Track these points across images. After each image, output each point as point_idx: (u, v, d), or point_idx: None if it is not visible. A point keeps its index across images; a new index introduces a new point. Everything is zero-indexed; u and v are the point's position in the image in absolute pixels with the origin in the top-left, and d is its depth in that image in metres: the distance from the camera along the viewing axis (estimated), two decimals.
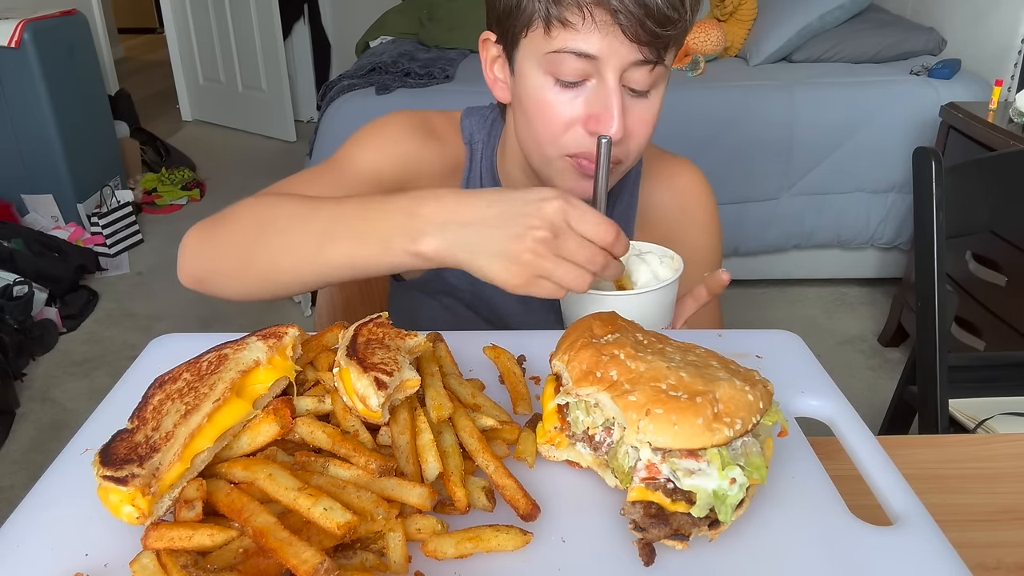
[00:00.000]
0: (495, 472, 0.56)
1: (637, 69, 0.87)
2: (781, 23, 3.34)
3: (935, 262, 1.30)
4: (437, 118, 1.11)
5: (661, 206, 1.14)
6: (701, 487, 0.52)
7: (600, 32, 0.84)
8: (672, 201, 1.14)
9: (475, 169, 1.11)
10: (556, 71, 0.88)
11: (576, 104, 0.89)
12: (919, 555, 0.52)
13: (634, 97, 0.90)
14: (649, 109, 0.92)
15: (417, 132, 1.08)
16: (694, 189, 1.16)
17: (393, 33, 3.87)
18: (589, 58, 0.86)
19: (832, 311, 3.23)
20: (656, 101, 0.93)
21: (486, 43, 1.00)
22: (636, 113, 0.91)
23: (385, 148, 1.05)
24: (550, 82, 0.89)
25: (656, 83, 0.91)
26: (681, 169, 1.16)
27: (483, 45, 1.01)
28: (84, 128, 3.74)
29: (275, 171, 4.78)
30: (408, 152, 1.06)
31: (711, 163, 2.98)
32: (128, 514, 0.49)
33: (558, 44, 0.86)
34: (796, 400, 0.68)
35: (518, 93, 0.96)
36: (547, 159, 0.96)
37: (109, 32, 5.64)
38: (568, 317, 0.89)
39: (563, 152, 0.93)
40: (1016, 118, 2.42)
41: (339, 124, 2.93)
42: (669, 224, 1.13)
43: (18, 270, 3.03)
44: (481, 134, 1.11)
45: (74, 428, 0.63)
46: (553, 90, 0.90)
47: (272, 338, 0.61)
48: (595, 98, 0.89)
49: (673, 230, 1.12)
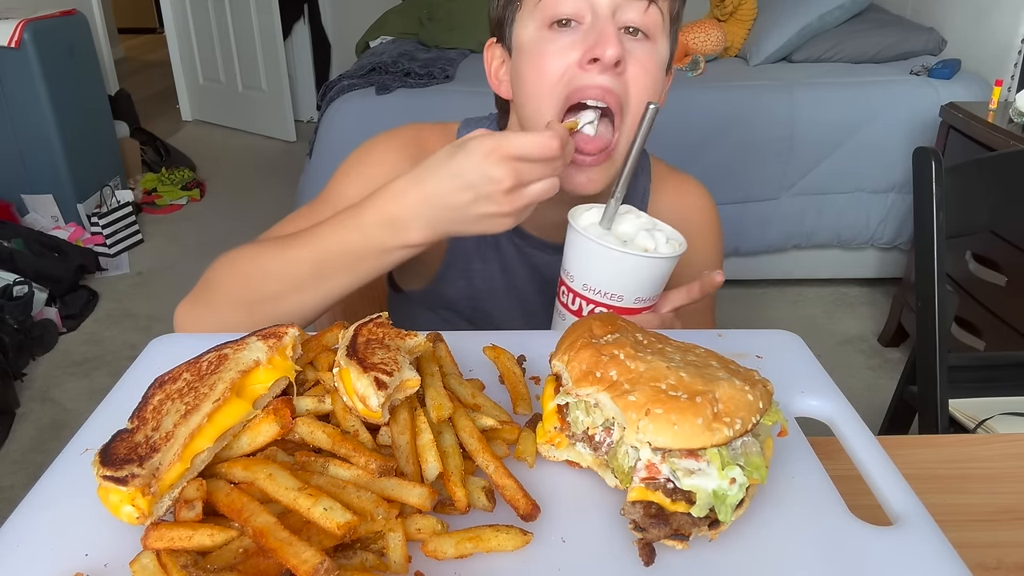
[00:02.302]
0: (495, 472, 0.56)
1: (629, 8, 0.88)
2: (781, 23, 3.34)
3: (935, 262, 1.30)
4: (431, 132, 1.10)
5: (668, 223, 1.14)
6: (701, 487, 0.52)
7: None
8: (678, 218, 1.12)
9: None
10: (550, 16, 0.90)
11: (573, 43, 0.90)
12: (919, 555, 0.52)
13: (632, 39, 0.90)
14: (650, 56, 0.91)
15: (406, 150, 1.06)
16: (701, 208, 1.15)
17: (393, 33, 3.88)
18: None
19: (832, 311, 3.23)
20: (655, 51, 0.92)
21: (490, 48, 1.01)
22: (635, 55, 0.90)
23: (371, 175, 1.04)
24: (545, 30, 0.91)
25: (654, 29, 0.91)
26: (688, 187, 1.16)
27: (487, 53, 1.02)
28: (84, 128, 3.74)
29: (275, 171, 4.79)
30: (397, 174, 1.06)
31: (711, 163, 2.99)
32: (128, 514, 0.49)
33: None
34: (796, 400, 0.68)
35: (517, 66, 0.96)
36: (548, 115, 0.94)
37: (109, 32, 5.64)
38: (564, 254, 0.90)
39: (558, 102, 0.91)
40: (1016, 118, 2.42)
41: (339, 124, 2.93)
42: None
43: (18, 270, 3.03)
44: None
45: (74, 428, 0.63)
46: (548, 35, 0.91)
47: (272, 338, 0.61)
48: (590, 31, 0.89)
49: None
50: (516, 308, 1.13)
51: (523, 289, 1.13)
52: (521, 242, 1.09)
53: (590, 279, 0.85)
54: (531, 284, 1.12)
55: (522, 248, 1.09)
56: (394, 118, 2.96)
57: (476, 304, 1.13)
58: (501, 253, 1.10)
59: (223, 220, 4.17)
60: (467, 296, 1.13)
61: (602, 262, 0.84)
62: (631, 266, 0.83)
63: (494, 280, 1.12)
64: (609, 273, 0.84)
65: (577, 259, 0.87)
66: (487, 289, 1.12)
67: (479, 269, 1.11)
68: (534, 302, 1.13)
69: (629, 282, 0.84)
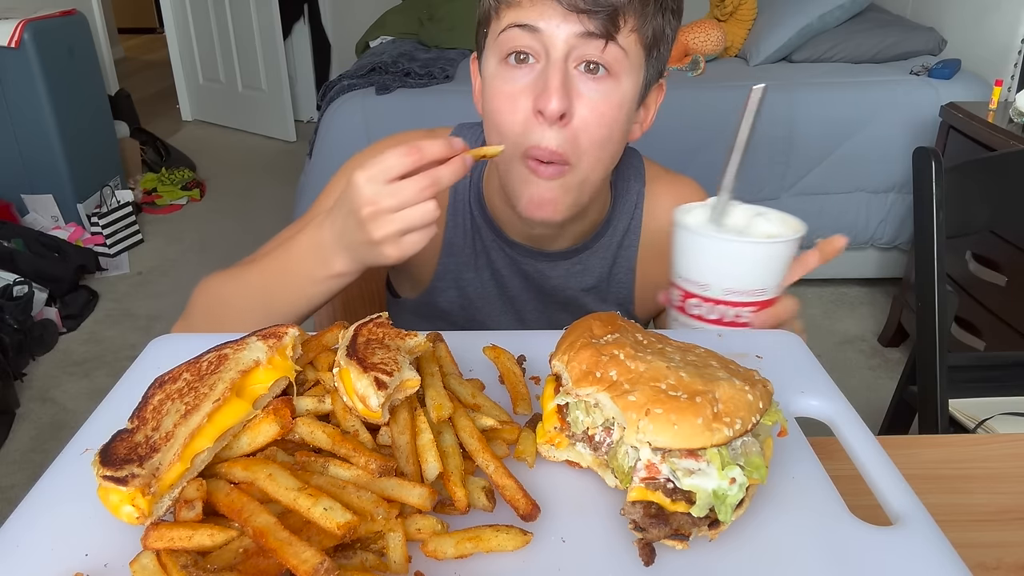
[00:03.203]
0: (495, 472, 0.56)
1: (586, 45, 0.84)
2: (781, 23, 3.34)
3: (935, 262, 1.30)
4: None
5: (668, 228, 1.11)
6: (701, 487, 0.52)
7: (540, 5, 0.83)
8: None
9: (460, 193, 1.07)
10: (506, 49, 0.87)
11: (525, 87, 0.86)
12: (919, 555, 0.52)
13: (588, 80, 0.86)
14: (606, 99, 0.86)
15: None
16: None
17: (393, 33, 3.88)
18: (533, 31, 0.84)
19: (832, 311, 3.23)
20: (616, 92, 0.86)
21: (474, 63, 0.99)
22: (588, 98, 0.86)
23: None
24: (502, 67, 0.88)
25: (614, 66, 0.85)
26: (683, 188, 1.12)
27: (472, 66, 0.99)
28: (84, 128, 3.74)
29: (275, 171, 4.80)
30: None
31: (711, 163, 2.98)
32: (128, 514, 0.49)
33: (505, 22, 0.86)
34: (796, 400, 0.68)
35: (484, 97, 0.93)
36: (509, 164, 0.92)
37: (109, 32, 5.64)
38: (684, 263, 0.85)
39: (518, 148, 0.89)
40: (1016, 118, 2.42)
41: (339, 124, 2.93)
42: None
43: (18, 270, 3.03)
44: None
45: (74, 428, 0.63)
46: (505, 72, 0.88)
47: (272, 338, 0.61)
48: (542, 74, 0.85)
49: None
50: (511, 317, 1.13)
51: (517, 298, 1.12)
52: (511, 251, 1.07)
53: (733, 282, 0.81)
54: (525, 293, 1.11)
55: (513, 257, 1.08)
56: (394, 118, 2.98)
57: (470, 314, 1.12)
58: (492, 262, 1.09)
59: (223, 220, 4.17)
60: (460, 306, 1.12)
61: (744, 261, 0.81)
62: (772, 255, 0.80)
63: (487, 289, 1.11)
64: (752, 269, 0.81)
65: (713, 264, 0.82)
66: (480, 298, 1.12)
67: (471, 279, 1.10)
68: (528, 310, 1.13)
69: (770, 273, 0.81)
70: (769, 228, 0.83)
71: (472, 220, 1.08)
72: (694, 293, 0.83)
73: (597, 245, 1.08)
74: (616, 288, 1.11)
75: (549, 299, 1.11)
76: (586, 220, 1.05)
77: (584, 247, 1.07)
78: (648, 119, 0.99)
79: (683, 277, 0.85)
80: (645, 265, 1.11)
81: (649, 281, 1.11)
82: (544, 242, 1.06)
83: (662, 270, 1.09)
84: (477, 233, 1.08)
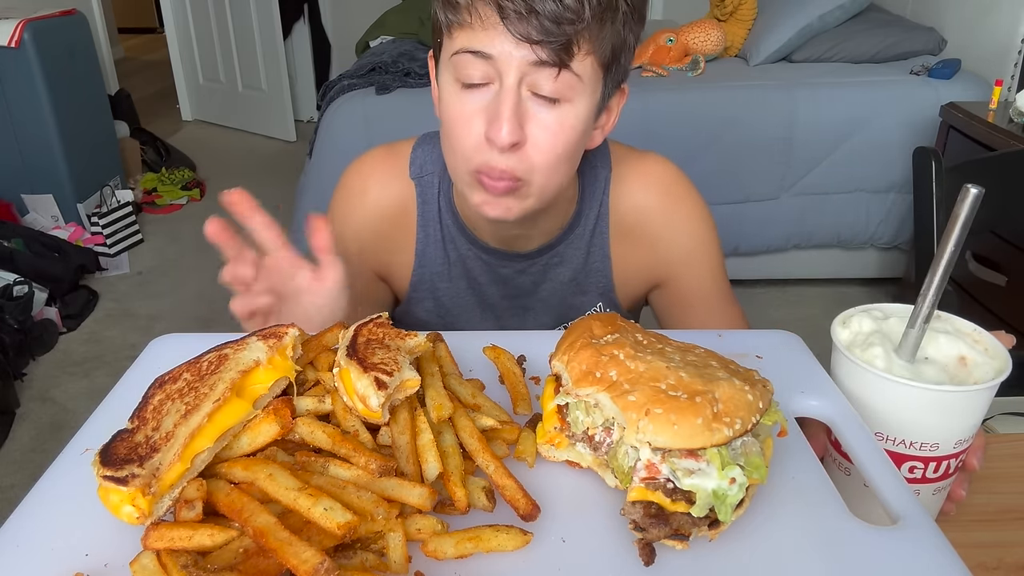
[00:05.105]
0: (495, 472, 0.56)
1: (539, 72, 0.82)
2: (781, 23, 3.34)
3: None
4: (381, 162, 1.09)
5: (640, 209, 1.07)
6: (701, 487, 0.52)
7: (492, 30, 0.81)
8: (651, 201, 1.07)
9: (429, 204, 1.07)
10: (459, 74, 0.85)
11: (477, 111, 0.85)
12: (919, 555, 0.52)
13: (542, 105, 0.84)
14: (559, 122, 0.85)
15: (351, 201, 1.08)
16: (670, 181, 1.07)
17: (393, 33, 3.87)
18: (486, 58, 0.82)
19: (832, 311, 3.21)
20: (570, 115, 0.86)
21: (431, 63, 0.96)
22: (541, 120, 0.85)
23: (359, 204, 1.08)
24: (456, 87, 0.86)
25: (568, 93, 0.84)
26: (651, 165, 1.08)
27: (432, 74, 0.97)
28: (84, 128, 3.74)
29: (275, 171, 4.79)
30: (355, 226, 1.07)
31: (711, 163, 2.99)
32: (128, 514, 0.49)
33: (457, 45, 0.84)
34: (796, 400, 0.68)
35: (440, 109, 0.92)
36: (459, 175, 0.91)
37: (109, 32, 5.64)
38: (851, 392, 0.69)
39: (470, 164, 0.88)
40: (1016, 118, 2.42)
41: (339, 124, 2.93)
42: (655, 226, 1.07)
43: (18, 270, 3.03)
44: (436, 165, 1.06)
45: (74, 428, 0.63)
46: (458, 94, 0.86)
47: (272, 338, 0.61)
48: (494, 100, 0.84)
49: (660, 231, 1.07)
50: (490, 322, 1.13)
51: (495, 304, 1.12)
52: (487, 257, 1.07)
53: (939, 435, 0.65)
54: (504, 300, 1.12)
55: (489, 263, 1.08)
56: (394, 118, 2.98)
57: (448, 321, 1.12)
58: (469, 271, 1.09)
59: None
60: (437, 315, 1.12)
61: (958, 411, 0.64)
62: (987, 400, 0.65)
63: (462, 297, 1.11)
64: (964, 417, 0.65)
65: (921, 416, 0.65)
66: (457, 307, 1.12)
67: (445, 288, 1.11)
68: (506, 314, 1.13)
69: (975, 418, 0.66)
70: (973, 356, 0.67)
71: (443, 230, 1.08)
72: (921, 456, 0.66)
73: (572, 237, 1.07)
74: (595, 277, 1.10)
75: (528, 301, 1.12)
76: (556, 216, 1.04)
77: (558, 241, 1.07)
78: (610, 123, 0.97)
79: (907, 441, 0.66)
80: (619, 247, 1.08)
81: (625, 264, 1.09)
82: (519, 243, 1.06)
83: (636, 251, 1.07)
84: (451, 243, 1.08)
